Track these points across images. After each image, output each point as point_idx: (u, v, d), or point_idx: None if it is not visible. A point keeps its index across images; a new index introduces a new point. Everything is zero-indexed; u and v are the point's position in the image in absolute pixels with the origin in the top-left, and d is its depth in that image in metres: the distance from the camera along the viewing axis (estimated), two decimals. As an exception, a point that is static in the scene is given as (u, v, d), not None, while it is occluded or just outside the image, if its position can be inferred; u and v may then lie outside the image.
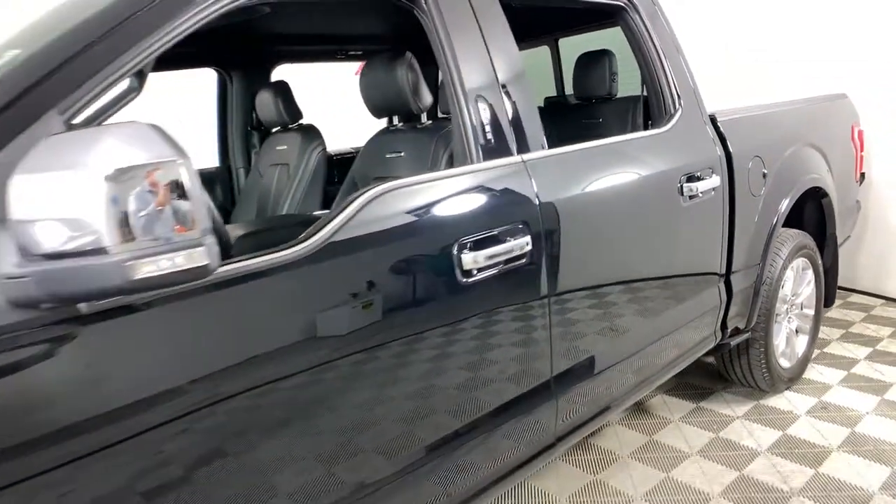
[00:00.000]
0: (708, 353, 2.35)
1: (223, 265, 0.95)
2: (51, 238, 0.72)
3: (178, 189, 0.72)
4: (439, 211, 1.29)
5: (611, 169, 1.70)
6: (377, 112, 1.84)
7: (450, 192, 1.32)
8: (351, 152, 3.12)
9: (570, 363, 1.61)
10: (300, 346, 1.07)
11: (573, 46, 2.91)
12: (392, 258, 1.21)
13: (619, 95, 2.54)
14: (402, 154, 1.87)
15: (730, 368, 2.58)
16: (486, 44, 1.47)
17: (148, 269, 0.70)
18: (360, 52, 3.14)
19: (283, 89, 2.60)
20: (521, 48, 1.59)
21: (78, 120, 0.92)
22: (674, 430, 2.46)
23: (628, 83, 2.60)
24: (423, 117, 2.03)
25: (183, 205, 0.73)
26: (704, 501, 2.01)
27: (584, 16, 2.19)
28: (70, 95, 0.90)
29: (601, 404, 1.78)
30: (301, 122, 2.70)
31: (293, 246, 1.06)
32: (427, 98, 1.75)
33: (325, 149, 2.60)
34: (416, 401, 1.26)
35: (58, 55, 0.92)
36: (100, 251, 0.69)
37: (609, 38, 2.56)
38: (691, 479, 2.13)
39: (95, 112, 0.94)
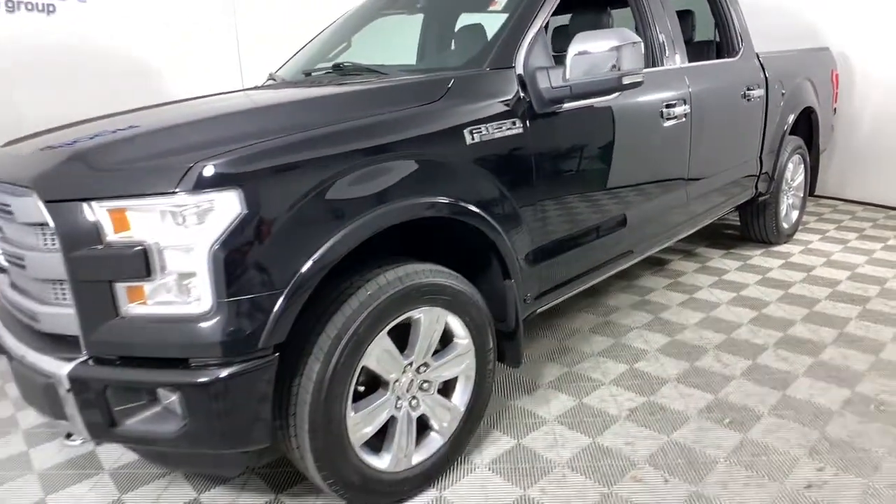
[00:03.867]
0: (735, 212, 3.72)
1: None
2: (583, 71, 1.93)
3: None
4: (656, 87, 2.54)
5: (715, 78, 2.98)
6: None
7: (660, 79, 2.58)
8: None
9: (699, 174, 2.93)
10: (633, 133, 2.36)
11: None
12: (641, 105, 2.45)
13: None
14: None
15: (751, 224, 3.94)
16: (662, 3, 2.70)
17: (626, 79, 1.93)
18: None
19: None
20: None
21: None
22: (717, 262, 3.82)
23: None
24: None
25: (637, 55, 1.95)
26: (744, 287, 3.37)
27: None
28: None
29: (713, 204, 3.15)
30: None
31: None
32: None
33: None
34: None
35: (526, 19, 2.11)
36: (607, 73, 1.91)
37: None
38: (734, 278, 3.50)
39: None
